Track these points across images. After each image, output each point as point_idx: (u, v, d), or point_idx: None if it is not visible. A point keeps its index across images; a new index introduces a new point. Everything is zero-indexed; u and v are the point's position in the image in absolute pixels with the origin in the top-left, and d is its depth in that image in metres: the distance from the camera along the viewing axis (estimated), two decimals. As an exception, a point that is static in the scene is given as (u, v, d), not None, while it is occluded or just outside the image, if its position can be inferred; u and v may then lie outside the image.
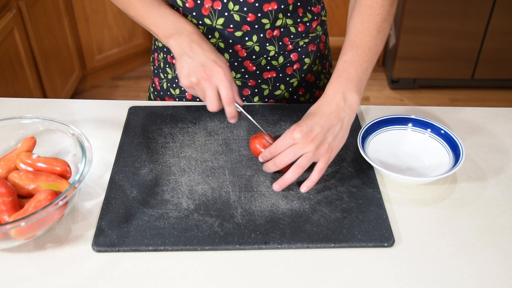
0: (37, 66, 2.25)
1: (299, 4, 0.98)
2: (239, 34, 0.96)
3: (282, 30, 0.99)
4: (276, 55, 1.02)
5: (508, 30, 2.64)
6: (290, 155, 0.80)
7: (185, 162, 0.89)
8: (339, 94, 0.81)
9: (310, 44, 1.05)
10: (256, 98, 1.07)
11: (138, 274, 0.71)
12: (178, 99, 1.10)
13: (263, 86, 1.05)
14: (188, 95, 1.09)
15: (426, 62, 2.77)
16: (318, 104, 0.82)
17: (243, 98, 1.07)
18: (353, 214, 0.79)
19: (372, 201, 0.82)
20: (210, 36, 0.98)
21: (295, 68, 1.05)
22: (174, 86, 1.09)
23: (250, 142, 0.89)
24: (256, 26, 0.96)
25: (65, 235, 0.77)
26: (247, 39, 0.97)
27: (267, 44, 0.99)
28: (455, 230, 0.79)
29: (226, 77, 0.84)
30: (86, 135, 0.84)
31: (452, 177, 0.88)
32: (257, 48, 0.99)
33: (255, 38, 0.97)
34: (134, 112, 1.01)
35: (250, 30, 0.96)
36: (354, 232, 0.77)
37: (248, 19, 0.94)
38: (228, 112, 0.85)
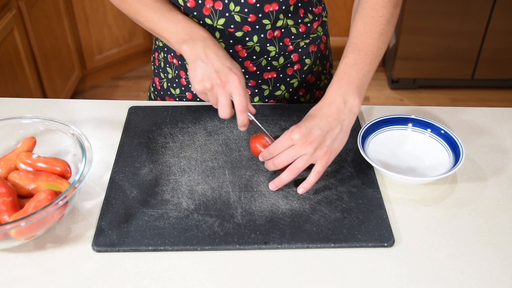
0: (37, 66, 2.25)
1: (300, 4, 0.98)
2: (239, 34, 0.96)
3: (283, 30, 0.99)
4: (277, 55, 1.02)
5: (508, 30, 2.64)
6: (289, 156, 0.80)
7: (185, 162, 0.89)
8: (340, 97, 0.81)
9: (311, 45, 1.05)
10: (256, 98, 1.07)
11: (138, 274, 0.71)
12: (178, 98, 1.10)
13: (264, 87, 1.05)
14: (188, 95, 1.09)
15: (426, 62, 2.77)
16: (318, 106, 0.82)
17: None
18: (353, 214, 0.79)
19: (372, 201, 0.82)
20: None
21: (295, 68, 1.05)
22: (175, 85, 1.09)
23: (250, 142, 0.89)
24: (257, 26, 0.96)
25: (65, 235, 0.77)
26: (247, 39, 0.97)
27: (268, 45, 0.99)
28: (455, 230, 0.79)
29: (241, 84, 0.83)
30: (86, 135, 0.84)
31: (452, 177, 0.88)
32: (257, 49, 0.99)
33: (255, 39, 0.97)
34: (134, 112, 1.01)
35: (251, 30, 0.96)
36: (354, 232, 0.77)
37: (249, 19, 0.94)
38: (240, 120, 0.84)
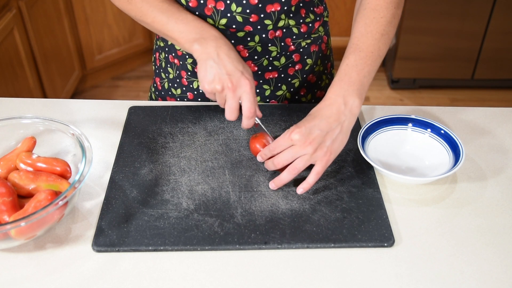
0: (37, 66, 2.25)
1: (301, 5, 0.98)
2: (241, 34, 0.96)
3: (285, 30, 0.99)
4: (278, 55, 1.02)
5: (508, 30, 2.64)
6: (288, 155, 0.80)
7: (185, 162, 0.89)
8: (340, 98, 0.81)
9: (312, 45, 1.05)
10: (257, 98, 1.07)
11: (138, 274, 0.71)
12: (179, 99, 1.10)
13: (265, 87, 1.05)
14: (189, 95, 1.08)
15: (426, 62, 2.77)
16: (319, 107, 0.82)
17: None
18: (353, 214, 0.79)
19: (372, 201, 0.82)
20: None
21: (297, 68, 1.05)
22: (176, 86, 1.09)
23: (250, 142, 0.89)
24: (259, 26, 0.96)
25: (65, 235, 0.77)
26: (249, 39, 0.97)
27: (269, 45, 0.99)
28: (455, 230, 0.79)
29: (252, 90, 0.83)
30: (86, 135, 0.84)
31: (452, 177, 0.88)
32: (259, 49, 0.99)
33: (257, 39, 0.97)
34: (134, 112, 1.01)
35: (252, 30, 0.96)
36: (354, 232, 0.77)
37: (251, 19, 0.94)
38: (246, 124, 0.85)
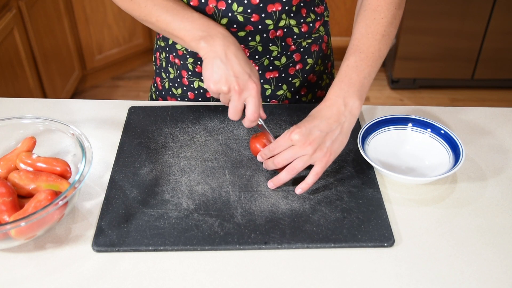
0: (37, 66, 2.25)
1: (302, 4, 0.98)
2: (242, 34, 0.96)
3: (285, 30, 0.99)
4: (279, 55, 1.02)
5: (508, 30, 2.64)
6: (288, 155, 0.80)
7: (185, 162, 0.89)
8: (340, 99, 0.81)
9: (313, 45, 1.05)
10: None
11: (138, 274, 0.71)
12: (180, 98, 1.10)
13: (266, 86, 1.05)
14: (190, 95, 1.08)
15: (426, 62, 2.77)
16: (319, 108, 0.82)
17: None
18: (353, 214, 0.79)
19: (372, 201, 0.82)
20: None
21: (297, 68, 1.05)
22: (176, 85, 1.09)
23: (250, 142, 0.89)
24: (260, 26, 0.96)
25: (65, 235, 0.77)
26: (250, 39, 0.97)
27: (270, 44, 0.99)
28: (455, 230, 0.79)
29: (258, 94, 0.82)
30: (86, 135, 0.84)
31: (452, 177, 0.88)
32: (260, 48, 0.99)
33: (258, 38, 0.97)
34: (134, 112, 1.01)
35: (253, 30, 0.96)
36: (354, 232, 0.77)
37: (252, 19, 0.94)
38: (247, 125, 0.84)
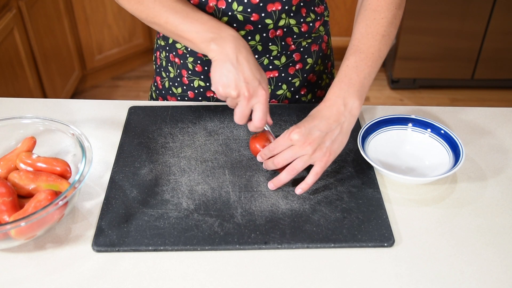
0: (37, 66, 2.25)
1: (302, 4, 0.98)
2: (242, 33, 0.96)
3: (285, 30, 0.99)
4: (279, 55, 1.02)
5: (508, 30, 2.64)
6: (288, 155, 0.80)
7: (185, 162, 0.89)
8: (340, 99, 0.81)
9: (313, 44, 1.05)
10: None
11: (138, 274, 0.71)
12: (180, 98, 1.10)
13: None
14: (190, 94, 1.08)
15: (426, 62, 2.77)
16: (319, 108, 0.82)
17: None
18: (353, 214, 0.79)
19: (372, 201, 0.82)
20: None
21: (297, 68, 1.05)
22: (176, 84, 1.09)
23: (250, 142, 0.89)
24: (259, 26, 0.96)
25: (65, 235, 0.77)
26: (250, 38, 0.97)
27: (270, 44, 0.99)
28: (455, 230, 0.79)
29: (266, 101, 0.81)
30: (86, 135, 0.84)
31: (452, 177, 0.88)
32: (259, 48, 0.99)
33: (258, 38, 0.97)
34: (134, 112, 1.01)
35: (253, 29, 0.96)
36: (354, 232, 0.77)
37: (252, 19, 0.94)
38: (253, 130, 0.84)
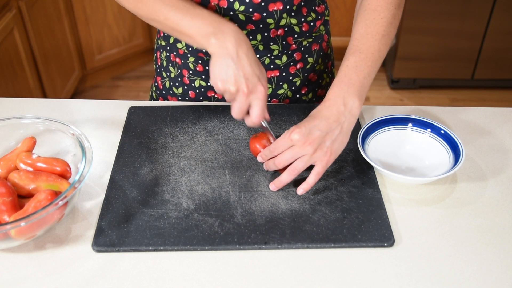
0: (37, 66, 2.25)
1: (303, 3, 0.98)
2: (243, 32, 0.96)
3: (286, 29, 0.99)
4: (280, 54, 1.02)
5: (508, 30, 2.64)
6: (288, 156, 0.80)
7: (185, 162, 0.89)
8: (340, 99, 0.81)
9: (314, 44, 1.05)
10: None
11: (138, 274, 0.71)
12: (181, 97, 1.10)
13: None
14: (191, 94, 1.08)
15: (426, 62, 2.77)
16: (319, 108, 0.82)
17: None
18: (353, 214, 0.79)
19: (372, 201, 0.82)
20: None
21: (298, 67, 1.05)
22: (177, 84, 1.09)
23: (250, 142, 0.89)
24: (261, 25, 0.96)
25: (65, 235, 0.77)
26: (251, 38, 0.97)
27: (271, 43, 0.99)
28: (455, 230, 0.79)
29: (264, 98, 0.81)
30: (86, 135, 0.84)
31: (452, 177, 0.88)
32: (261, 47, 0.99)
33: (259, 37, 0.98)
34: (134, 112, 1.01)
35: (254, 29, 0.96)
36: (354, 232, 0.77)
37: (253, 18, 0.94)
38: (250, 125, 0.84)
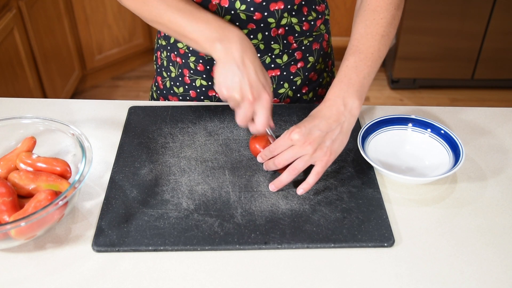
0: (37, 66, 2.25)
1: (304, 3, 0.98)
2: (244, 32, 0.96)
3: (287, 28, 0.99)
4: (281, 53, 1.02)
5: (508, 30, 2.64)
6: (288, 155, 0.80)
7: (185, 162, 0.89)
8: (339, 99, 0.81)
9: (314, 43, 1.05)
10: None
11: (138, 274, 0.72)
12: (181, 97, 1.10)
13: None
14: (192, 93, 1.08)
15: (426, 62, 2.77)
16: (319, 108, 0.82)
17: None
18: (353, 214, 0.79)
19: (372, 201, 0.82)
20: None
21: (299, 66, 1.06)
22: (178, 84, 1.09)
23: (250, 142, 0.89)
24: (262, 24, 0.96)
25: (65, 235, 0.77)
26: (252, 37, 0.97)
27: (272, 42, 0.99)
28: (455, 230, 0.79)
29: (269, 105, 0.81)
30: (86, 135, 0.84)
31: (452, 177, 0.88)
32: (261, 46, 0.99)
33: (260, 36, 0.98)
34: (134, 112, 1.01)
35: (255, 28, 0.96)
36: (354, 232, 0.77)
37: (254, 17, 0.94)
38: (253, 132, 0.84)
